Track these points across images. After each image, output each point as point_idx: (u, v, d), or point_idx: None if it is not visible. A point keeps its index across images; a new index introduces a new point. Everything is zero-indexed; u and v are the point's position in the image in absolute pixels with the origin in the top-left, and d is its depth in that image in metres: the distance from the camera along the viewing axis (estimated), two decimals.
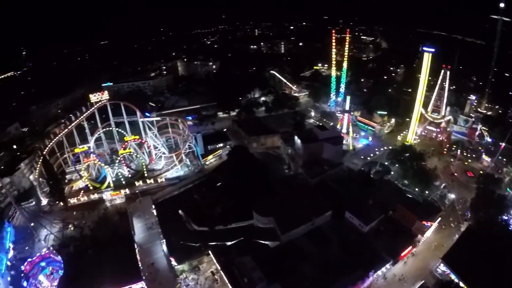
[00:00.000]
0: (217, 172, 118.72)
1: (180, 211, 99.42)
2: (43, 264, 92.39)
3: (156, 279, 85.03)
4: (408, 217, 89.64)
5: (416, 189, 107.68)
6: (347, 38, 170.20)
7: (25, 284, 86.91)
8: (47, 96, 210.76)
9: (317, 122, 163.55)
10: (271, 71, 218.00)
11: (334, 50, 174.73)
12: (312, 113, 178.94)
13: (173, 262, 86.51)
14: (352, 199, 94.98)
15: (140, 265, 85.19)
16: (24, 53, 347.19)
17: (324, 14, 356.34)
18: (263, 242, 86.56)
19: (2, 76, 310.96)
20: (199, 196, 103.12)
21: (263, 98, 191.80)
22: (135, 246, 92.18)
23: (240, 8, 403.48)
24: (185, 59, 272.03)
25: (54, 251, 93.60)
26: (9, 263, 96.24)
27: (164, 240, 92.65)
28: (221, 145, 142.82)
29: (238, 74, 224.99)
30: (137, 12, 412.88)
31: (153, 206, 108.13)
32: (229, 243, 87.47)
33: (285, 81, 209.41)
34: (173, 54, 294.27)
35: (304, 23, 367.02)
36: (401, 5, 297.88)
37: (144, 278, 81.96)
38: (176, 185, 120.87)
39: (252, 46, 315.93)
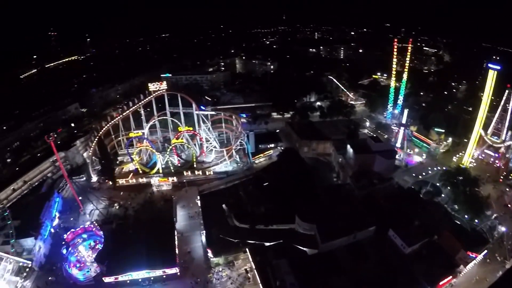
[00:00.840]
0: (265, 172, 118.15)
1: (224, 206, 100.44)
2: (84, 236, 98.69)
3: (190, 268, 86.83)
4: (453, 244, 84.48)
5: (466, 216, 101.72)
6: (409, 48, 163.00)
7: (64, 251, 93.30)
8: (108, 81, 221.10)
9: (371, 133, 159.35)
10: (328, 76, 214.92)
11: (394, 59, 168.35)
12: (367, 123, 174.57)
13: (210, 254, 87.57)
14: (397, 218, 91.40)
15: (176, 252, 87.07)
16: (88, 39, 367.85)
17: (386, 21, 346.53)
18: (302, 248, 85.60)
19: (67, 60, 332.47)
20: (245, 194, 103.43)
21: (318, 103, 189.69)
22: (175, 232, 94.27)
23: (301, 10, 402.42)
24: (244, 57, 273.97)
25: (97, 226, 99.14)
26: (52, 230, 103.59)
27: (204, 231, 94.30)
28: (272, 145, 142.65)
29: (295, 76, 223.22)
30: (198, 8, 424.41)
31: (198, 197, 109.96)
32: (267, 244, 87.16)
33: (342, 87, 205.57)
34: (232, 51, 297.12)
35: (365, 29, 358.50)
36: (467, 17, 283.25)
37: (178, 264, 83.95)
38: (223, 179, 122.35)
39: (311, 49, 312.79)
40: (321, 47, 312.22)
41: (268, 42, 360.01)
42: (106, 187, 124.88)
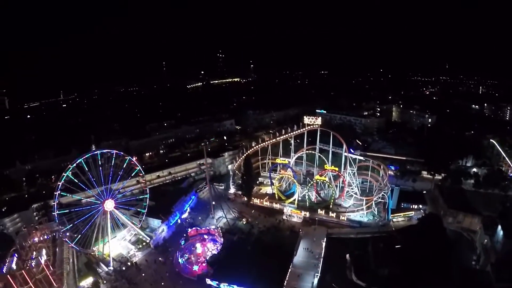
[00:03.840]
0: (401, 234, 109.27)
1: (347, 256, 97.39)
2: (206, 237, 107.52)
3: None
4: None
5: None
6: None
7: (182, 242, 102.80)
8: (264, 106, 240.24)
9: None
10: (490, 140, 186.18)
11: None
12: None
13: None
14: None
15: (284, 284, 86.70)
16: (252, 65, 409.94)
17: None
18: None
19: (230, 80, 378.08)
20: (373, 250, 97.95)
21: (474, 169, 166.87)
22: (291, 265, 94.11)
23: (466, 60, 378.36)
24: (401, 105, 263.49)
25: (220, 232, 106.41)
26: (179, 221, 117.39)
27: (318, 274, 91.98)
28: (415, 206, 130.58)
29: (453, 134, 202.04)
30: (359, 50, 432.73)
31: (325, 239, 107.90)
32: None
33: (504, 155, 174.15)
34: (390, 97, 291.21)
35: None
36: None
37: None
38: (355, 229, 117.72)
39: (473, 106, 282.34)
40: (485, 104, 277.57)
41: (427, 92, 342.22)
42: (240, 201, 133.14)
